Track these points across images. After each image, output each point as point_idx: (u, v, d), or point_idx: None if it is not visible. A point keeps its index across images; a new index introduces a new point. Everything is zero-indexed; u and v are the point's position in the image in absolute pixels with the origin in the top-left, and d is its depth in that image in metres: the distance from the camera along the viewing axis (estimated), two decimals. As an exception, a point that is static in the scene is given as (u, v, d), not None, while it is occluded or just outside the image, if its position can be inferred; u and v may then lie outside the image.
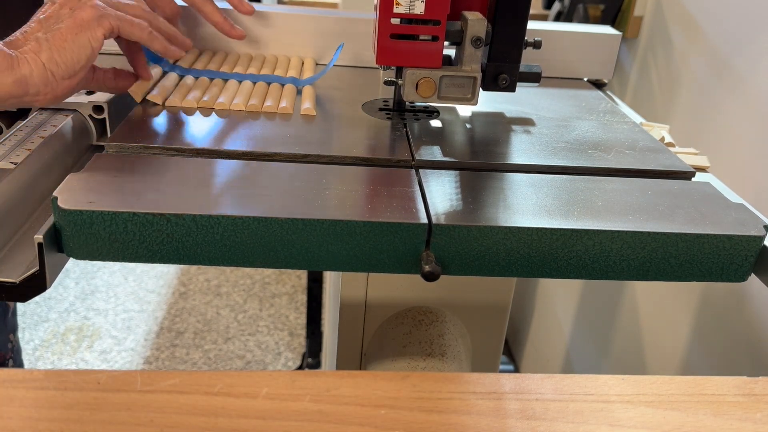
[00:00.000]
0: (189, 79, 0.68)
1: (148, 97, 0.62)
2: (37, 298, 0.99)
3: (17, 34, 0.53)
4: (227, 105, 0.63)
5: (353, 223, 0.45)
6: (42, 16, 0.54)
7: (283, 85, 0.69)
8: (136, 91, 0.61)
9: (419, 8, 0.58)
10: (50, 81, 0.52)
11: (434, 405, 0.37)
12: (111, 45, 0.60)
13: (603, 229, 0.47)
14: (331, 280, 1.17)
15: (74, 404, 0.35)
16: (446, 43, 0.61)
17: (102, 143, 0.57)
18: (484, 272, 0.48)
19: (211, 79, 0.68)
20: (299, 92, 0.69)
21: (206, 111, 0.63)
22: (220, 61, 0.74)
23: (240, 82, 0.68)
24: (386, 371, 0.58)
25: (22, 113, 0.58)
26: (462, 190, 0.52)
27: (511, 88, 0.65)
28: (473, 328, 0.76)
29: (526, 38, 0.63)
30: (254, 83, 0.68)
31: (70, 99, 0.59)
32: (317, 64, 0.78)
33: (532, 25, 0.75)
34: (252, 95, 0.65)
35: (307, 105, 0.64)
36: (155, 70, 0.67)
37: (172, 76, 0.67)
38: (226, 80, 0.69)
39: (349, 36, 0.78)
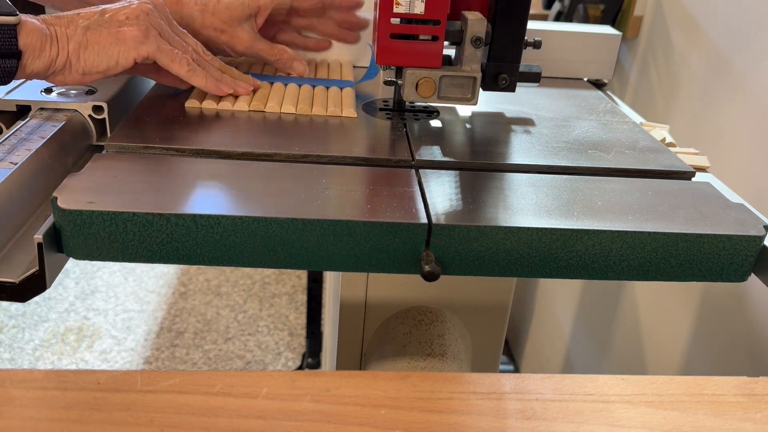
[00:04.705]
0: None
1: (203, 105, 0.63)
2: (37, 298, 0.99)
3: (71, 12, 0.55)
4: (278, 109, 0.64)
5: (353, 223, 0.45)
6: (103, 7, 0.56)
7: (327, 88, 0.70)
8: (194, 101, 0.63)
9: (419, 8, 0.58)
10: (66, 69, 0.55)
11: (434, 405, 0.37)
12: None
13: (603, 229, 0.47)
14: (331, 280, 1.17)
15: (74, 404, 0.35)
16: (446, 43, 0.61)
17: (102, 143, 0.57)
18: (484, 272, 0.48)
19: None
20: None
21: (227, 113, 0.63)
22: (258, 66, 0.75)
23: (285, 85, 0.69)
24: (386, 371, 0.58)
25: (22, 113, 0.58)
26: (462, 190, 0.52)
27: (511, 88, 0.65)
28: (473, 328, 0.76)
29: (526, 38, 0.63)
30: (299, 86, 0.69)
31: (71, 99, 0.59)
32: (354, 66, 0.78)
33: (532, 25, 0.75)
34: (300, 99, 0.66)
35: (348, 108, 0.65)
36: None
37: None
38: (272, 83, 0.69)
39: (349, 36, 0.78)
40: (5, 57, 0.51)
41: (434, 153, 0.58)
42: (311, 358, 1.64)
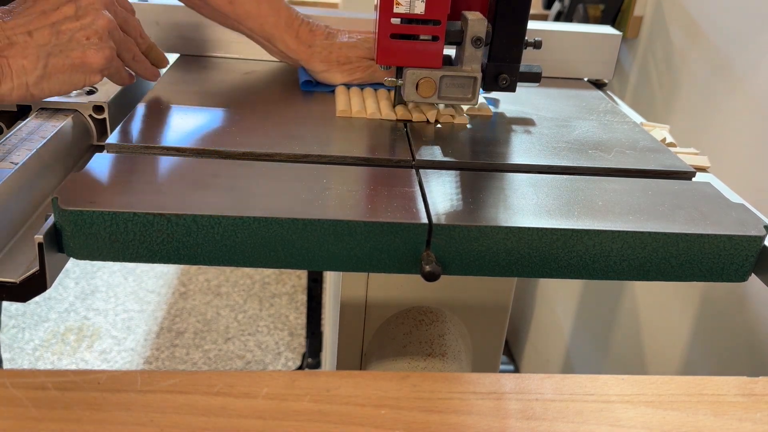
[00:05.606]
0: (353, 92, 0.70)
1: (353, 114, 0.64)
2: (37, 298, 0.99)
3: (18, 29, 0.48)
4: (394, 116, 0.64)
5: (353, 223, 0.45)
6: (58, 25, 0.50)
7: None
8: (345, 110, 0.64)
9: (419, 8, 0.58)
10: (26, 98, 0.50)
11: (434, 405, 0.37)
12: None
13: (603, 229, 0.47)
14: (331, 280, 1.17)
15: (74, 404, 0.35)
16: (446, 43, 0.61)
17: (102, 143, 0.57)
18: (485, 272, 0.48)
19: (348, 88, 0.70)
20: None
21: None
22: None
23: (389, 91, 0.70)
24: (386, 371, 0.58)
25: (23, 113, 0.58)
26: (462, 190, 0.52)
27: (511, 88, 0.65)
28: (473, 328, 0.76)
29: (526, 38, 0.63)
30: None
31: (71, 99, 0.59)
32: None
33: (532, 25, 0.75)
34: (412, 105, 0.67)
35: (460, 115, 0.66)
36: None
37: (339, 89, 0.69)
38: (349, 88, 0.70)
39: (349, 36, 0.78)
40: None
41: (435, 153, 0.58)
42: (311, 358, 1.64)
